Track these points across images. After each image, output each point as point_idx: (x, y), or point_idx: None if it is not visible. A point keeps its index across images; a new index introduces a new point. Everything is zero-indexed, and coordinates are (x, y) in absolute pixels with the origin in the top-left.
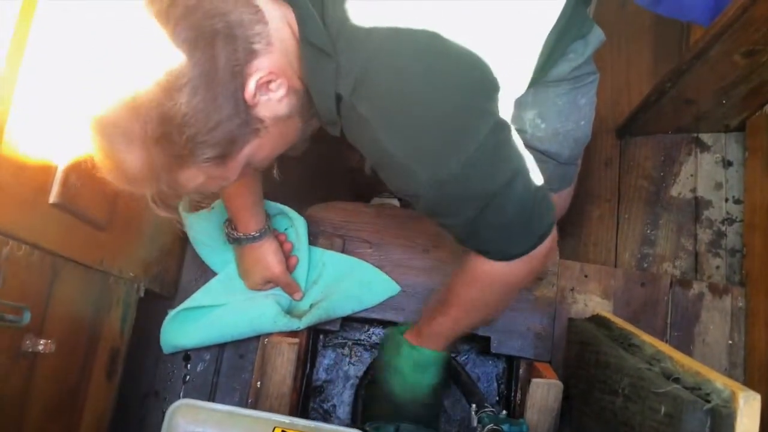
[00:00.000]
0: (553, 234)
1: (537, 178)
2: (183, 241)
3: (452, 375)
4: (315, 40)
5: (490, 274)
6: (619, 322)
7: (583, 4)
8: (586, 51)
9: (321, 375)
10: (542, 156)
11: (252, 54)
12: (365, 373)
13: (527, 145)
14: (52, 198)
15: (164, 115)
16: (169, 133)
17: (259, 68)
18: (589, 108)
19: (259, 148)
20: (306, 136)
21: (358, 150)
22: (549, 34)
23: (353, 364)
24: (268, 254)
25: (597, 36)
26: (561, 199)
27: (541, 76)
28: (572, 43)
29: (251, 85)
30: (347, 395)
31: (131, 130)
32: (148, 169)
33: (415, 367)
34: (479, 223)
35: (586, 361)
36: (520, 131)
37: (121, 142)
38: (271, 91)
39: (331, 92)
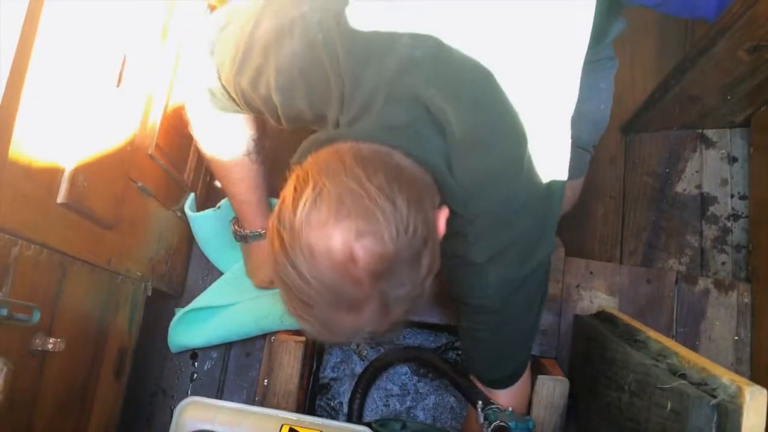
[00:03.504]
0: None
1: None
2: (189, 240)
3: (452, 382)
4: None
5: None
6: (624, 318)
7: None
8: (605, 39)
9: (328, 373)
10: None
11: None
12: (364, 370)
13: None
14: (60, 198)
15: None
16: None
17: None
18: (608, 93)
19: None
20: None
21: None
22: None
23: (360, 362)
24: None
25: (618, 24)
26: (572, 191)
27: None
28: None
29: (441, 226)
30: None
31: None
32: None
33: None
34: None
35: (592, 357)
36: None
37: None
38: None
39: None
